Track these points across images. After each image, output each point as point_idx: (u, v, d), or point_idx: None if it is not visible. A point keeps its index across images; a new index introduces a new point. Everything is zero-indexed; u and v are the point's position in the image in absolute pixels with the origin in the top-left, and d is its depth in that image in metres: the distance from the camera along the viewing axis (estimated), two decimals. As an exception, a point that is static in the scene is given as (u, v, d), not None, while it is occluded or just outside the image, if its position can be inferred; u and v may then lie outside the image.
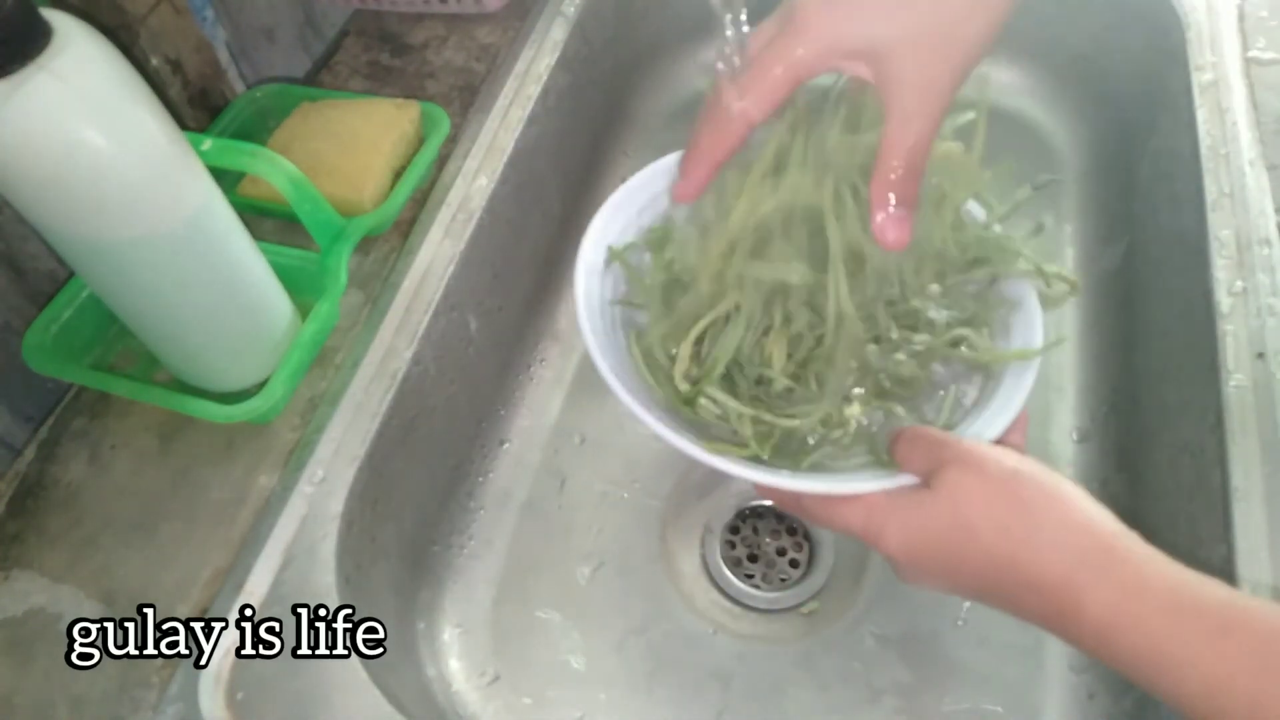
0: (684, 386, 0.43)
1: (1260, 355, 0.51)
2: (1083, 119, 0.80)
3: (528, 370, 0.72)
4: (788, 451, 0.43)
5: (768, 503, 0.64)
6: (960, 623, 0.58)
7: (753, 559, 0.62)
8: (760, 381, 0.44)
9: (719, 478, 0.65)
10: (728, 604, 0.61)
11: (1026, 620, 0.35)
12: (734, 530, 0.64)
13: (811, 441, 0.43)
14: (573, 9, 0.75)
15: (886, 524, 0.37)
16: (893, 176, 0.37)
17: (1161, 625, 0.31)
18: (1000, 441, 0.40)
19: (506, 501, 0.66)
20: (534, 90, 0.69)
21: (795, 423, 0.42)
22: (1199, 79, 0.64)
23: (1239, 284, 0.54)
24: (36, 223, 0.44)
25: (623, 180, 0.49)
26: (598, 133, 0.83)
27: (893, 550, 0.37)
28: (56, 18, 0.39)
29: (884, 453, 0.41)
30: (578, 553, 0.63)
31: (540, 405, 0.71)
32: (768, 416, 0.42)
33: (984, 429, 0.40)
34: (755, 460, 0.41)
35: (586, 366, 0.73)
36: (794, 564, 0.62)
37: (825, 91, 0.41)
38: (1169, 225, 0.63)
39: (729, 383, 0.44)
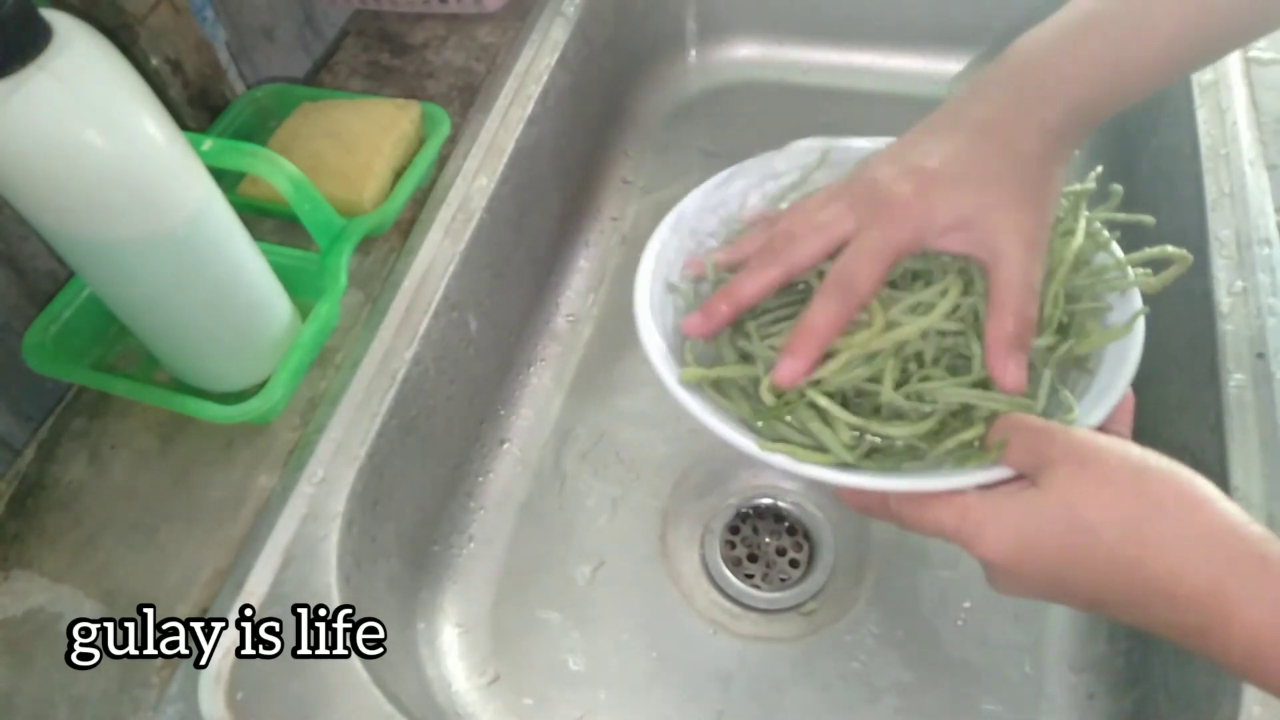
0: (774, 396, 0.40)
1: (1260, 355, 0.51)
2: (1083, 119, 0.79)
3: (528, 370, 0.72)
4: (874, 456, 0.40)
5: (768, 502, 0.64)
6: (960, 623, 0.58)
7: (753, 559, 0.62)
8: (859, 395, 0.41)
9: (719, 478, 0.66)
10: (728, 604, 0.61)
11: (1154, 632, 0.31)
12: (734, 530, 0.64)
13: (900, 445, 0.40)
14: (573, 9, 0.75)
15: (984, 525, 0.33)
16: (1009, 327, 0.37)
17: None
18: (1103, 429, 0.36)
19: (506, 501, 0.66)
20: (534, 90, 0.69)
21: (901, 432, 0.39)
22: (1199, 79, 0.64)
23: (1239, 284, 0.54)
24: (36, 223, 0.44)
25: (624, 181, 0.49)
26: (598, 133, 0.83)
27: (991, 555, 0.33)
28: (56, 18, 0.39)
29: (978, 442, 0.37)
30: (578, 553, 0.63)
31: (540, 405, 0.71)
32: (874, 426, 0.38)
33: (1084, 416, 0.36)
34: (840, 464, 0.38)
35: (586, 366, 0.73)
36: (794, 564, 0.62)
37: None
38: (1169, 225, 0.63)
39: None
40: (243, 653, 0.45)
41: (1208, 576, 0.29)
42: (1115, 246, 0.44)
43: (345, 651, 0.45)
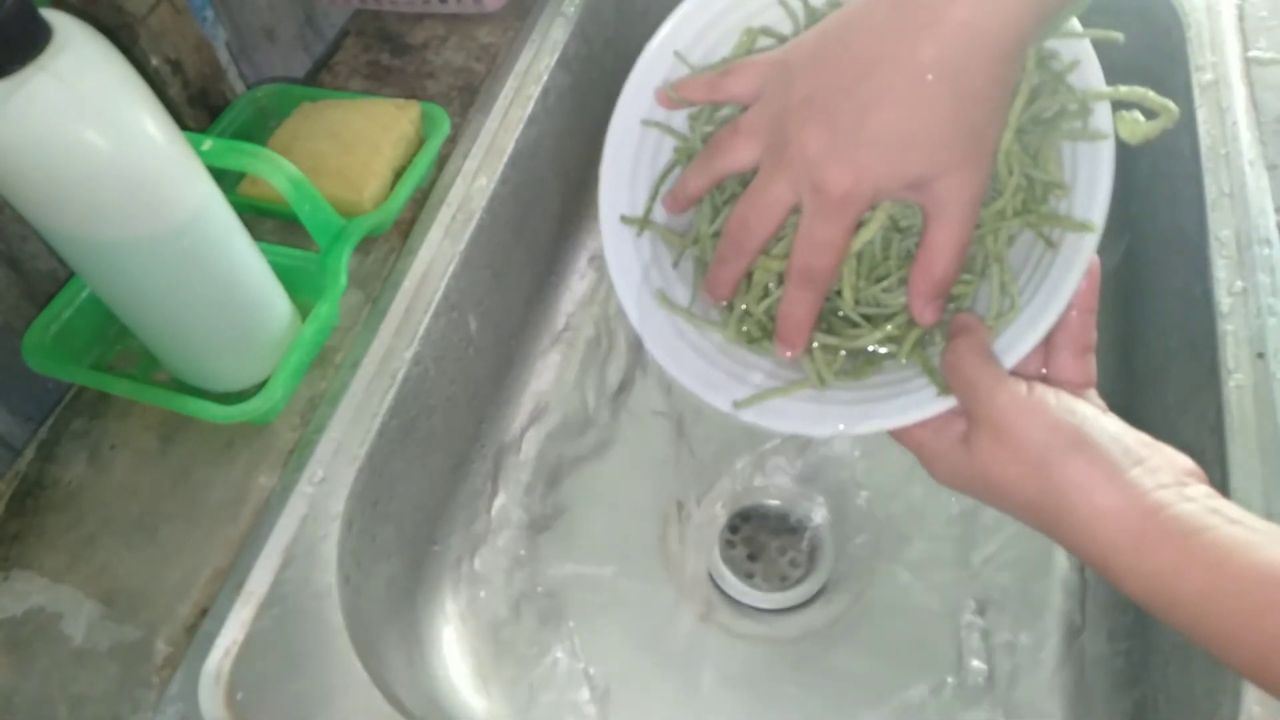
0: (755, 310, 0.42)
1: (1260, 355, 0.51)
2: (1083, 119, 0.80)
3: (528, 370, 0.72)
4: (851, 371, 0.42)
5: (768, 502, 0.64)
6: (961, 623, 0.58)
7: (753, 559, 0.62)
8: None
9: (720, 477, 0.65)
10: (728, 604, 0.61)
11: None
12: (734, 530, 0.64)
13: (871, 350, 0.42)
14: (573, 9, 0.75)
15: (933, 462, 0.39)
16: (931, 281, 0.39)
17: (1201, 607, 0.31)
18: (1064, 327, 0.38)
19: (506, 501, 0.66)
20: (534, 90, 0.69)
21: (863, 340, 0.41)
22: (1199, 79, 0.64)
23: (1239, 284, 0.54)
24: (36, 223, 0.44)
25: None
26: (598, 133, 0.82)
27: (942, 482, 0.39)
28: (56, 18, 0.39)
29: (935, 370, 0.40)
30: (578, 553, 0.63)
31: (540, 405, 0.71)
32: (833, 340, 0.41)
33: (1023, 334, 0.38)
34: (809, 399, 0.41)
35: (587, 366, 0.73)
36: (794, 564, 0.62)
37: None
38: (1169, 225, 0.63)
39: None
40: (243, 653, 0.45)
41: (1096, 551, 0.33)
42: (1087, 78, 0.42)
43: (345, 651, 0.45)
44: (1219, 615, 0.31)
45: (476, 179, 0.64)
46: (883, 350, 0.42)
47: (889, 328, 0.41)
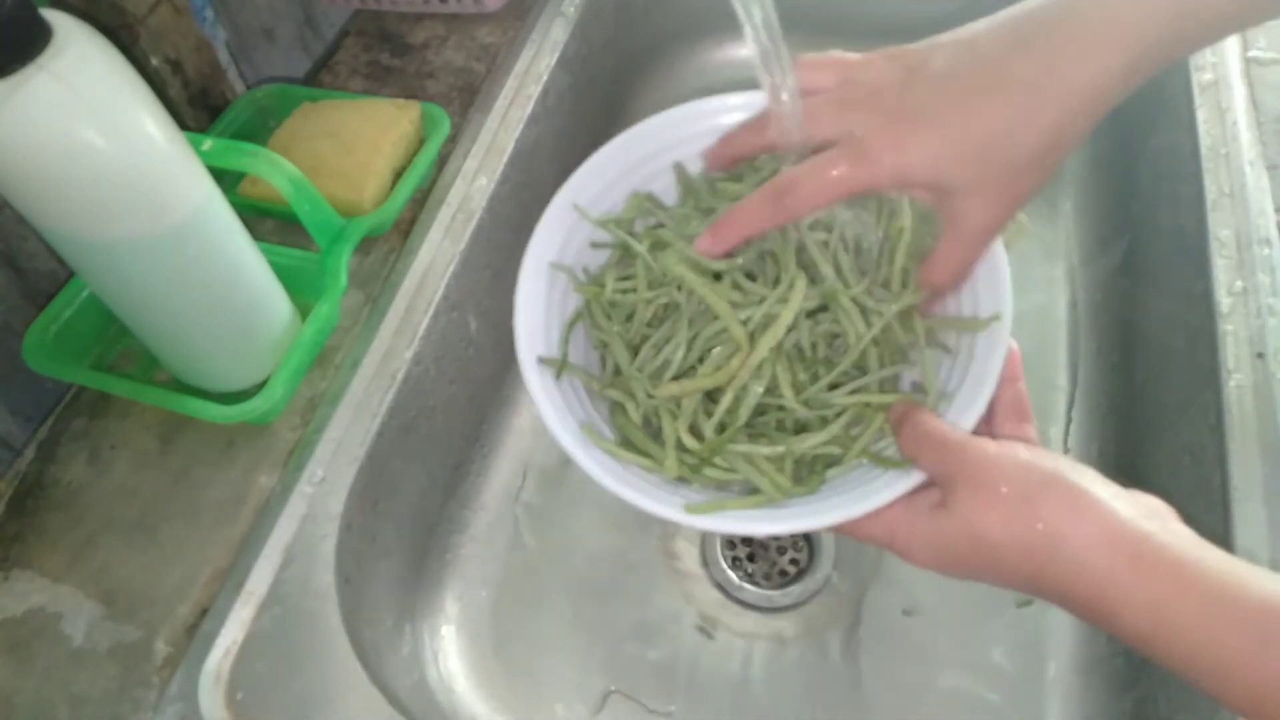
0: (690, 443, 0.41)
1: (1260, 355, 0.51)
2: (1083, 119, 0.80)
3: (528, 370, 0.72)
4: (799, 479, 0.41)
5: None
6: (961, 623, 0.58)
7: (752, 558, 0.62)
8: (762, 413, 0.42)
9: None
10: (728, 604, 0.61)
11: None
12: (734, 530, 0.64)
13: (817, 457, 0.41)
14: (573, 9, 0.75)
15: (910, 542, 0.37)
16: (934, 278, 0.40)
17: (1198, 635, 0.30)
18: (998, 398, 0.39)
19: (506, 501, 0.66)
20: (534, 90, 0.69)
21: (810, 443, 0.40)
22: (1199, 79, 0.64)
23: (1239, 284, 0.54)
24: (36, 223, 0.44)
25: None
26: (598, 133, 0.82)
27: (921, 564, 0.37)
28: (56, 18, 0.39)
29: (885, 444, 0.40)
30: (578, 553, 0.63)
31: (540, 405, 0.71)
32: (794, 444, 0.40)
33: (973, 395, 0.38)
34: (767, 505, 0.40)
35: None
36: (794, 563, 0.62)
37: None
38: (1169, 225, 0.63)
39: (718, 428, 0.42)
40: (243, 653, 0.45)
41: (1093, 586, 0.32)
42: None
43: (345, 651, 0.45)
44: (1218, 645, 0.30)
45: (476, 179, 0.64)
46: (833, 450, 0.41)
47: (835, 429, 0.40)
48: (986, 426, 0.39)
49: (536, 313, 0.46)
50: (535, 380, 0.43)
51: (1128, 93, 0.35)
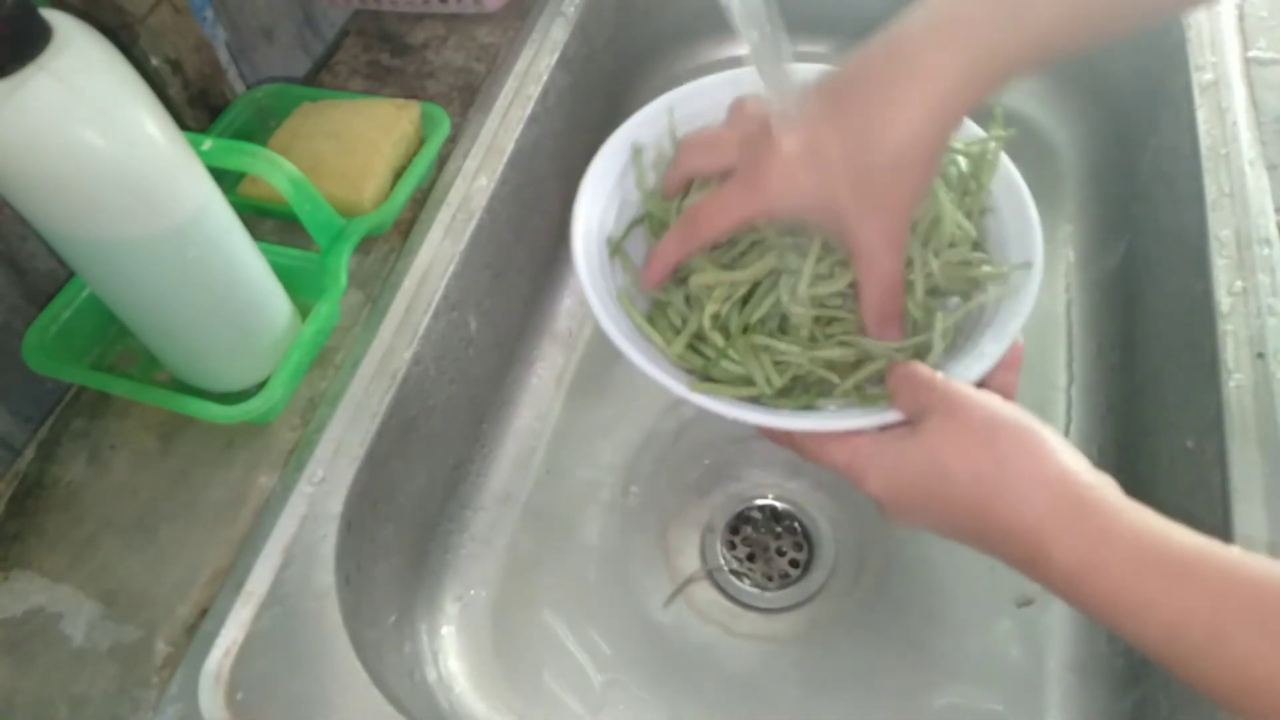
0: (711, 330, 0.44)
1: (1260, 355, 0.51)
2: (1083, 119, 0.80)
3: (528, 370, 0.72)
4: (787, 391, 0.44)
5: (768, 502, 0.64)
6: (960, 623, 0.58)
7: (752, 559, 0.62)
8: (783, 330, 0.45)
9: (719, 477, 0.66)
10: (728, 604, 0.61)
11: (1002, 562, 0.36)
12: (734, 530, 0.64)
13: (816, 377, 0.44)
14: (573, 9, 0.75)
15: (869, 466, 0.39)
16: (875, 319, 0.42)
17: (1124, 572, 0.32)
18: (991, 379, 0.40)
19: (506, 501, 0.66)
20: (534, 90, 0.69)
21: (821, 354, 0.43)
22: (1199, 79, 0.64)
23: (1239, 284, 0.54)
24: (36, 223, 0.44)
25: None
26: (598, 133, 0.82)
27: (874, 491, 0.39)
28: (56, 18, 0.39)
29: (876, 390, 0.42)
30: (578, 553, 0.63)
31: (540, 405, 0.71)
32: (797, 348, 0.43)
33: (971, 365, 0.40)
34: (749, 400, 0.43)
35: (586, 366, 0.73)
36: (794, 564, 0.62)
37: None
38: (1169, 225, 0.63)
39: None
40: (243, 653, 0.45)
41: (1032, 518, 0.34)
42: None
43: (345, 651, 0.45)
44: (1140, 582, 0.32)
45: (476, 179, 0.64)
46: (830, 377, 0.43)
47: (839, 354, 0.43)
48: None
49: (598, 200, 0.49)
50: (580, 248, 0.46)
51: (976, 100, 0.38)
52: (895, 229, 0.40)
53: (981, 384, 0.40)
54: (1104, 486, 0.34)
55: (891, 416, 0.39)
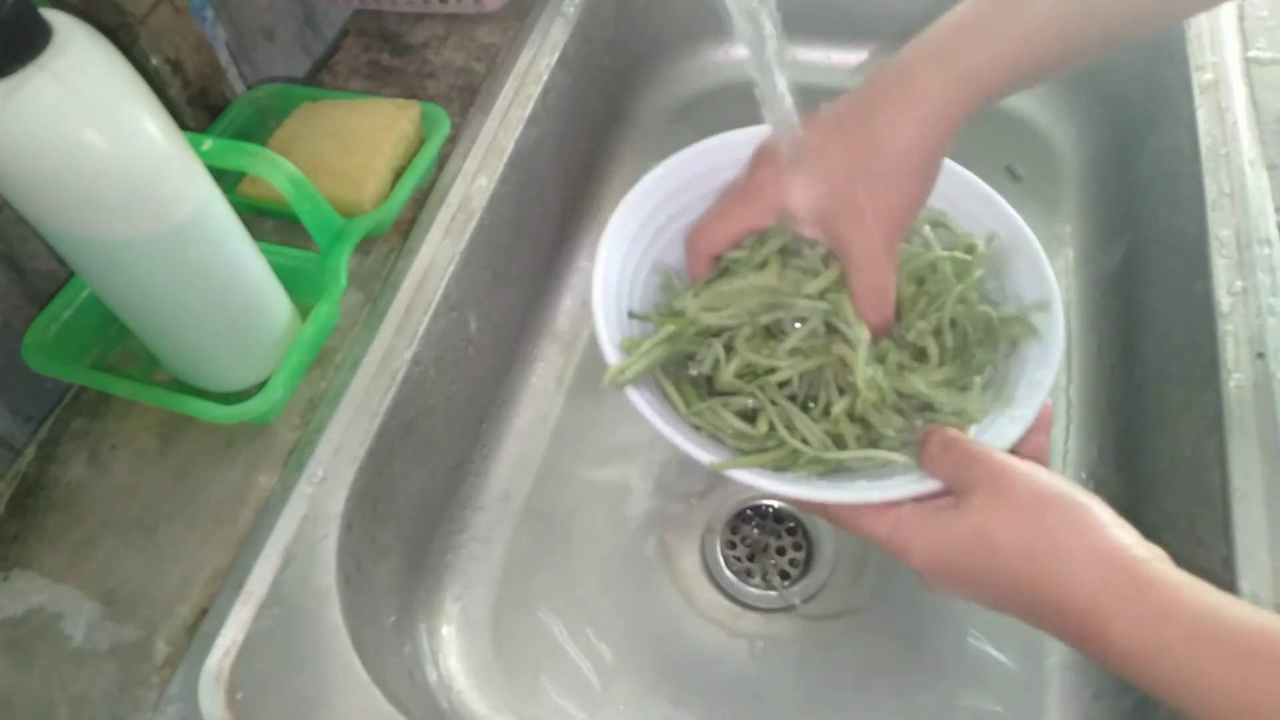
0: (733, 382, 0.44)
1: (1260, 355, 0.51)
2: (1083, 119, 0.80)
3: (528, 370, 0.72)
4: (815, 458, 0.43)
5: (768, 502, 0.64)
6: (960, 623, 0.58)
7: (752, 558, 0.62)
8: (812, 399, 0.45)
9: (719, 478, 0.65)
10: (728, 604, 0.61)
11: (1056, 638, 0.36)
12: (734, 530, 0.64)
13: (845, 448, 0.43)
14: (573, 9, 0.75)
15: (912, 539, 0.38)
16: (865, 310, 0.43)
17: (1185, 653, 0.31)
18: (1024, 442, 0.40)
19: (506, 501, 0.66)
20: (534, 90, 0.69)
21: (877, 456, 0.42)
22: (1199, 79, 0.64)
23: (1239, 284, 0.54)
24: (36, 223, 0.44)
25: (624, 181, 0.50)
26: (598, 133, 0.83)
27: (916, 565, 0.38)
28: (56, 18, 0.39)
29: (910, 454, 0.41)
30: (578, 553, 0.63)
31: (540, 405, 0.71)
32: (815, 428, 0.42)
33: (1007, 428, 0.40)
34: (781, 470, 0.42)
35: (586, 366, 0.73)
36: (794, 564, 0.62)
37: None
38: (1169, 225, 0.63)
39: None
40: (243, 653, 0.45)
41: (1087, 596, 0.33)
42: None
43: (345, 651, 0.45)
44: (1199, 663, 0.31)
45: (476, 179, 0.64)
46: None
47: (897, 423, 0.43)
48: None
49: (615, 255, 0.48)
50: (601, 311, 0.45)
51: (964, 115, 0.40)
52: (887, 237, 0.41)
53: (1014, 451, 0.40)
54: (1157, 561, 0.33)
55: (930, 486, 0.38)
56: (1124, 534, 0.34)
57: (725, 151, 0.50)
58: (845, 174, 0.41)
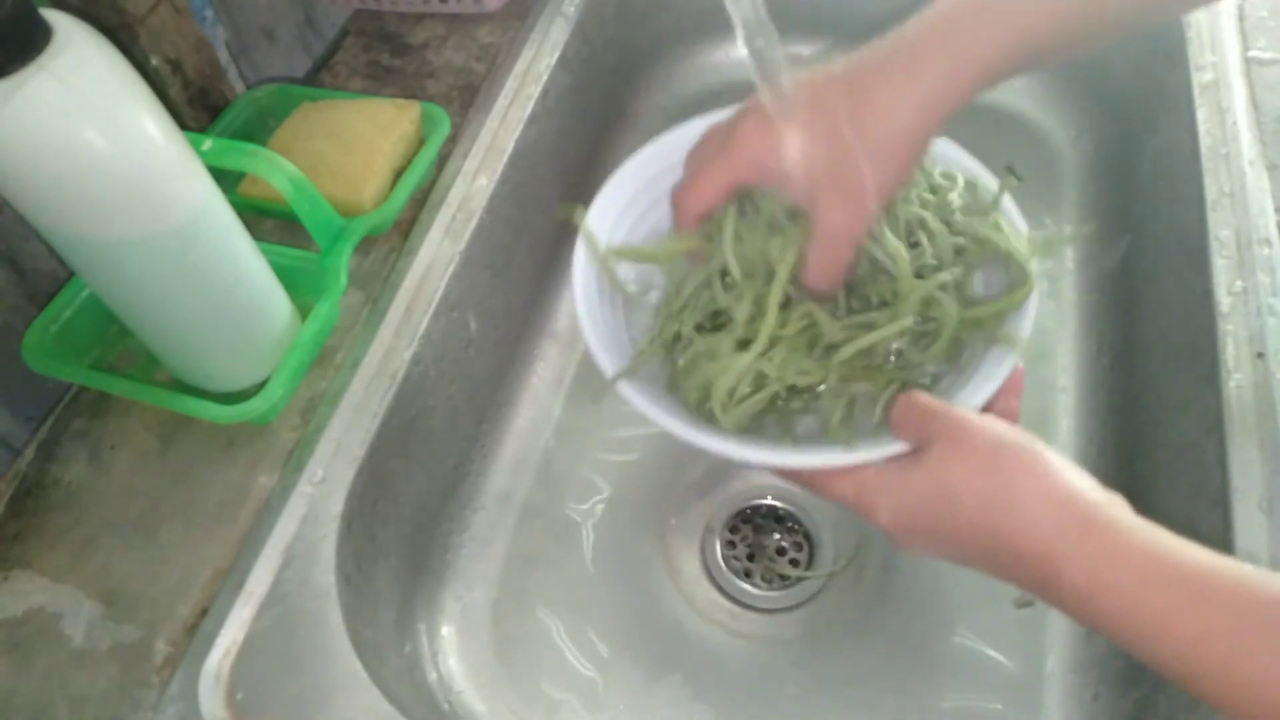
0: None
1: (1260, 355, 0.51)
2: (1083, 119, 0.80)
3: (528, 370, 0.72)
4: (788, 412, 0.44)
5: (769, 502, 0.64)
6: (960, 622, 0.58)
7: (752, 558, 0.62)
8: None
9: (719, 477, 0.65)
10: (728, 604, 0.61)
11: (1015, 585, 0.36)
12: (734, 530, 0.64)
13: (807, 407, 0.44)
14: (573, 9, 0.75)
15: (877, 499, 0.39)
16: (817, 279, 0.42)
17: (1137, 591, 0.32)
18: (993, 405, 0.41)
19: (506, 501, 0.66)
20: (534, 90, 0.69)
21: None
22: (1199, 79, 0.64)
23: (1239, 284, 0.54)
24: (36, 223, 0.44)
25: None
26: (598, 133, 0.83)
27: (884, 523, 0.39)
28: (56, 18, 0.39)
29: (878, 419, 0.42)
30: (578, 552, 0.63)
31: (540, 405, 0.71)
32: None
33: (974, 393, 0.41)
34: (750, 437, 0.42)
35: (586, 366, 0.73)
36: (794, 564, 0.62)
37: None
38: (1169, 225, 0.63)
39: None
40: (243, 653, 0.45)
41: (1041, 540, 0.34)
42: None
43: (345, 651, 0.45)
44: (1153, 601, 0.31)
45: (476, 179, 0.64)
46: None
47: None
48: None
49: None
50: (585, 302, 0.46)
51: (960, 99, 0.40)
52: (862, 212, 0.41)
53: (985, 410, 0.40)
54: (1112, 504, 0.34)
55: (897, 448, 0.39)
56: (1079, 479, 0.35)
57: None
58: (833, 142, 0.40)
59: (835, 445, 0.41)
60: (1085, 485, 0.35)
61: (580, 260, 0.47)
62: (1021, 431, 0.37)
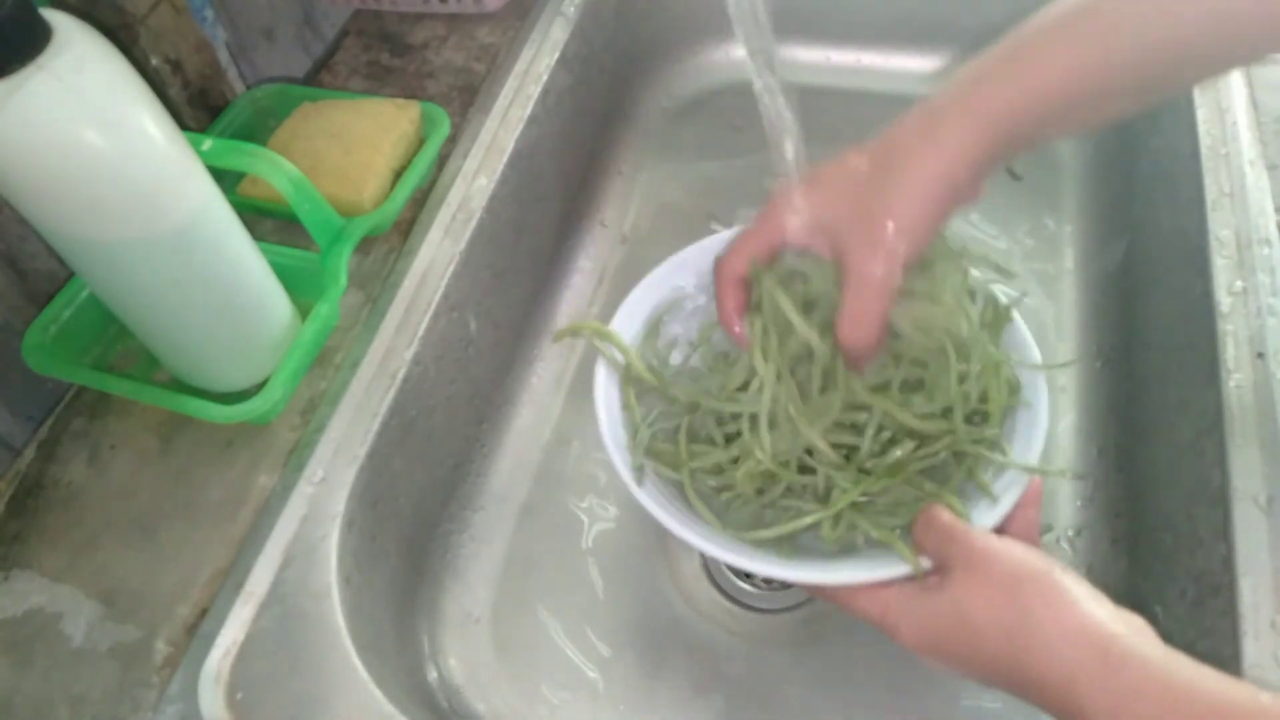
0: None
1: (1260, 355, 0.51)
2: (1083, 119, 0.80)
3: (528, 370, 0.72)
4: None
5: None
6: (960, 623, 0.58)
7: (753, 559, 0.62)
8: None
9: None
10: (728, 604, 0.61)
11: (1041, 711, 0.37)
12: (734, 530, 0.64)
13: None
14: (573, 9, 0.75)
15: (901, 620, 0.39)
16: (844, 334, 0.43)
17: None
18: (1012, 520, 0.42)
19: (506, 501, 0.66)
20: (534, 90, 0.69)
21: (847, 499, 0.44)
22: (1199, 79, 0.64)
23: (1239, 284, 0.54)
24: (36, 223, 0.44)
25: (624, 181, 0.50)
26: (598, 133, 0.83)
27: (907, 645, 0.40)
28: (56, 18, 0.39)
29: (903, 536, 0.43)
30: (578, 553, 0.63)
31: (540, 405, 0.71)
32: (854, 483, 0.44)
33: (989, 510, 0.41)
34: (774, 553, 0.43)
35: (586, 366, 0.73)
36: (794, 564, 0.62)
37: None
38: (1169, 225, 0.63)
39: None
40: (243, 653, 0.45)
41: (1063, 673, 0.34)
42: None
43: (345, 651, 0.45)
44: None
45: (476, 179, 0.64)
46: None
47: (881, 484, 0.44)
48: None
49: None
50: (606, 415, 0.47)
51: (984, 166, 0.41)
52: (893, 256, 0.42)
53: (1004, 526, 0.41)
54: (1130, 635, 0.34)
55: (925, 564, 0.40)
56: (1097, 608, 0.35)
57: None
58: (861, 191, 0.42)
59: (855, 560, 0.42)
60: (1104, 615, 0.35)
61: (601, 376, 0.48)
62: (1040, 556, 0.37)
